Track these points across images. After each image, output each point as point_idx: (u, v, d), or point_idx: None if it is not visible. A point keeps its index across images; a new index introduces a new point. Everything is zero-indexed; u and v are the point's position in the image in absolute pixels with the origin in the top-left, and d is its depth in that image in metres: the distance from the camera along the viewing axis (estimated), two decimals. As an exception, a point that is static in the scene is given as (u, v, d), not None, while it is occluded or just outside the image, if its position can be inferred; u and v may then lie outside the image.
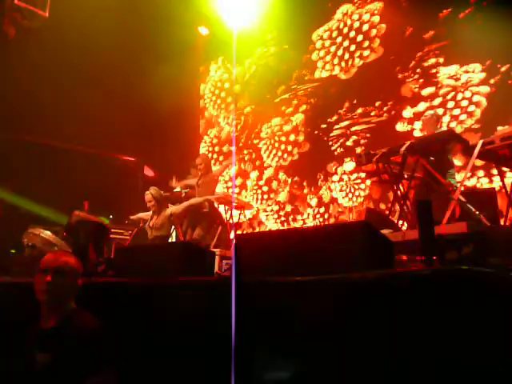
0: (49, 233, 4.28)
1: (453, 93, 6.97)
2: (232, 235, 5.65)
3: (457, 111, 6.85)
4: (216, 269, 5.18)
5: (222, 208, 6.12)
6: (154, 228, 5.15)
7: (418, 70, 7.47)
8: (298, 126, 9.25)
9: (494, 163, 4.01)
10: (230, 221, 5.68)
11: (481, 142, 3.58)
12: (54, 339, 2.16)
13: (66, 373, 2.06)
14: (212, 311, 2.33)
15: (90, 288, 3.02)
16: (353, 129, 8.25)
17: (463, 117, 6.77)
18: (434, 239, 1.81)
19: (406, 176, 4.22)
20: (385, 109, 7.83)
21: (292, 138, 9.35)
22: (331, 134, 8.61)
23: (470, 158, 3.72)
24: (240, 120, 10.15)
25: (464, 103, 6.80)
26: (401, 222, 4.21)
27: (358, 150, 7.90)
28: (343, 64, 8.71)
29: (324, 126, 8.78)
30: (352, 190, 7.98)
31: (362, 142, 8.07)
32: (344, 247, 1.87)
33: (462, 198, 3.64)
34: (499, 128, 5.17)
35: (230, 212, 5.73)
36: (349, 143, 8.32)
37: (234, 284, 2.15)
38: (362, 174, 7.51)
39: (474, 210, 3.58)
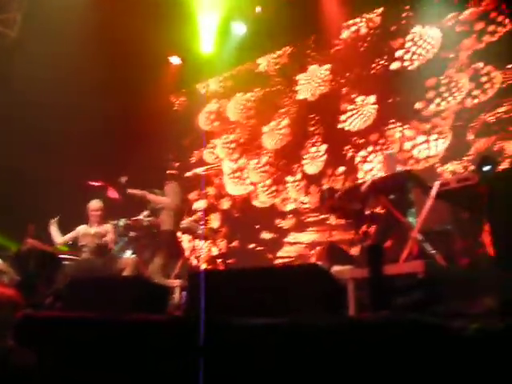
0: (-1, 260, 4.07)
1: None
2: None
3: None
4: (176, 300, 5.02)
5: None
6: (97, 235, 5.01)
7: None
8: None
9: (451, 203, 4.10)
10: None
11: (437, 183, 3.66)
12: None
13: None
14: (159, 350, 2.23)
15: (33, 321, 2.86)
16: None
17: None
18: (383, 287, 1.81)
19: (367, 213, 4.27)
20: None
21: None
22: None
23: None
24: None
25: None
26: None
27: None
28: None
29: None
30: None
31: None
32: (297, 290, 1.86)
33: (420, 237, 3.70)
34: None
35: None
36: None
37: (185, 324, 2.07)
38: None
39: (430, 249, 3.65)
